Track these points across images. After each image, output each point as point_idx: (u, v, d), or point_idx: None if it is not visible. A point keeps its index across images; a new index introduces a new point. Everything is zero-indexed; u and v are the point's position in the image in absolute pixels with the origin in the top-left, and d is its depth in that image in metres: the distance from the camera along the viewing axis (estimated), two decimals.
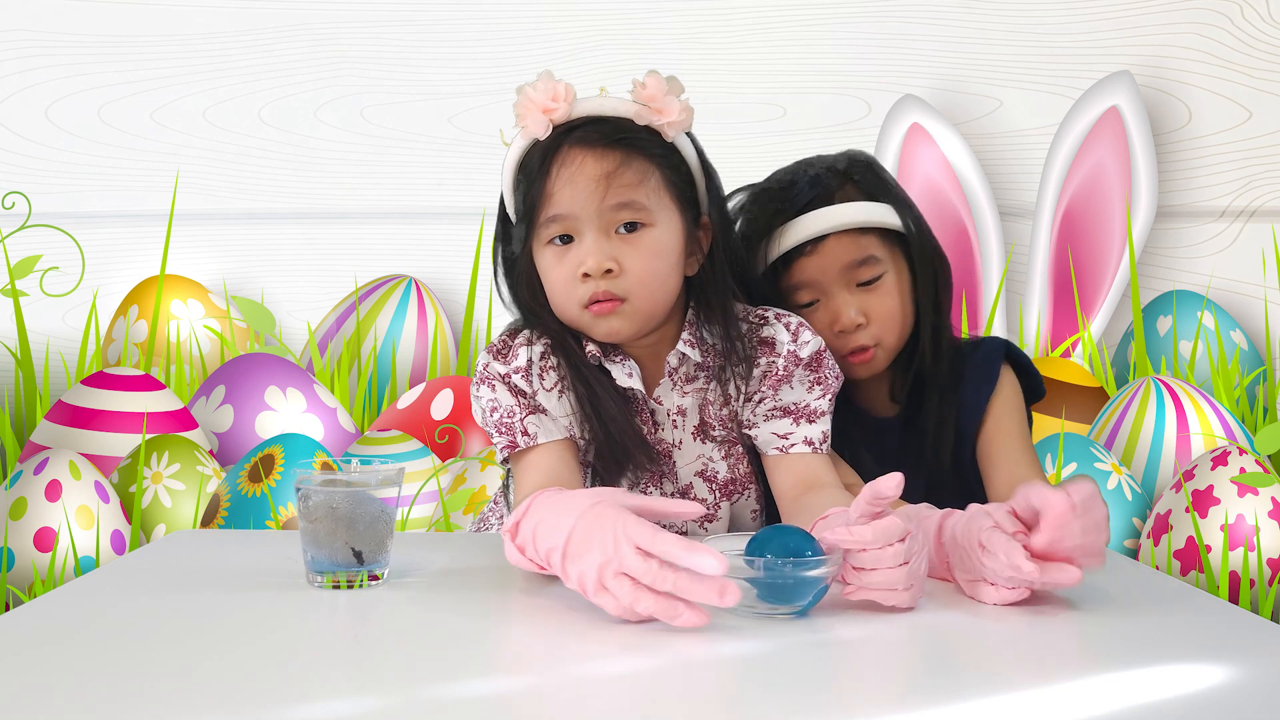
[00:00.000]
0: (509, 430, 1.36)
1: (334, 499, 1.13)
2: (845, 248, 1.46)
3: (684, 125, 1.37)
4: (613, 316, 1.34)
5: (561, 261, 1.34)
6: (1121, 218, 3.24)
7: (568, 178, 1.31)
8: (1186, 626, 1.08)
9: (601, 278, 1.31)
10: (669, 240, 1.35)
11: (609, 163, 1.32)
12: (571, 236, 1.33)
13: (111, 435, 2.64)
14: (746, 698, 0.88)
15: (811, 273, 1.47)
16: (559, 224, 1.33)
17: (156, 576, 1.21)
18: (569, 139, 1.33)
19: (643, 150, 1.34)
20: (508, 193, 1.41)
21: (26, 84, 3.45)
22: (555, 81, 1.34)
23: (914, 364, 1.50)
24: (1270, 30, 3.36)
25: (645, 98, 1.35)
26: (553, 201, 1.32)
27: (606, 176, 1.31)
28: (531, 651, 1.01)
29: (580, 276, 1.32)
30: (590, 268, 1.31)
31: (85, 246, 3.33)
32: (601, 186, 1.31)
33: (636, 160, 1.33)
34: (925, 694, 0.88)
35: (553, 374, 1.38)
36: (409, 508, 2.45)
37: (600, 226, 1.32)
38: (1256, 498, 2.37)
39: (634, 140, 1.34)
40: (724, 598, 0.99)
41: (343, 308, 3.24)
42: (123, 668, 0.91)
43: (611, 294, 1.32)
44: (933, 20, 3.39)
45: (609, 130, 1.33)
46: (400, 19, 3.44)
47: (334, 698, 0.86)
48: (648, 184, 1.33)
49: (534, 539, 1.13)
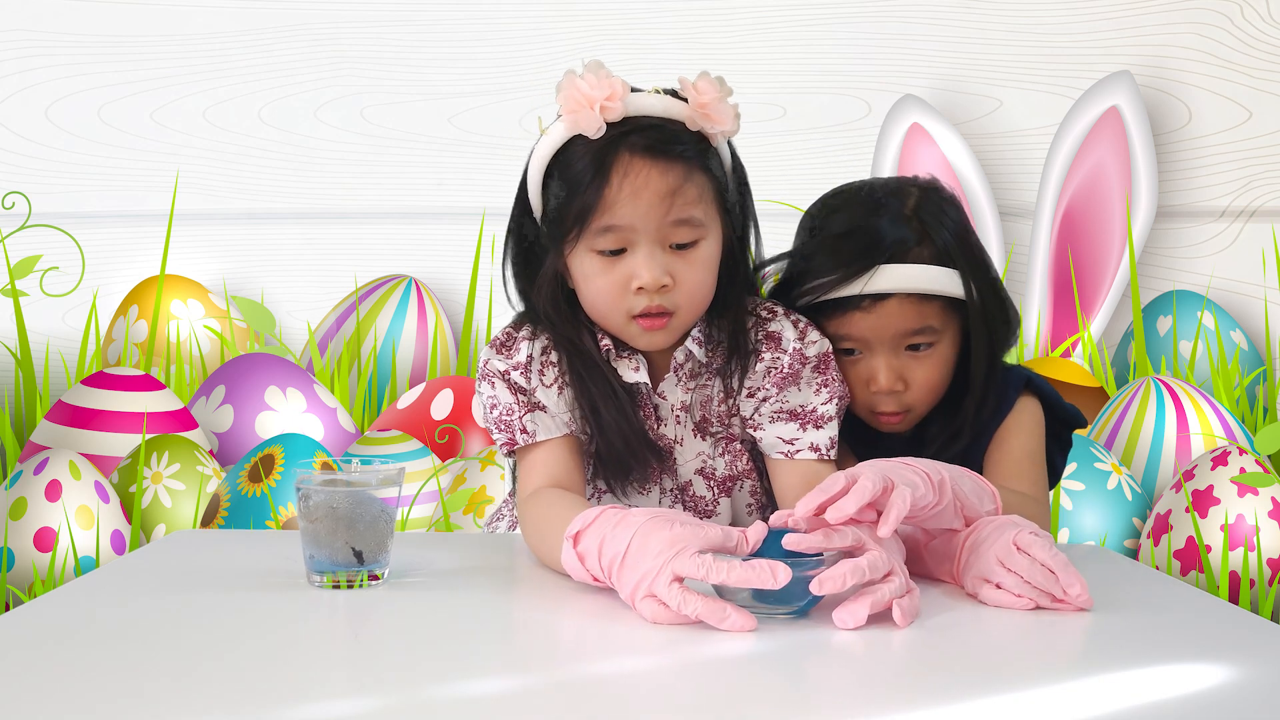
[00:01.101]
0: (508, 428, 1.36)
1: (334, 499, 1.13)
2: (905, 315, 1.38)
3: (735, 132, 1.35)
4: (660, 332, 1.33)
5: (610, 271, 1.31)
6: (1121, 218, 3.24)
7: (631, 190, 1.28)
8: (1186, 626, 1.08)
9: (656, 292, 1.30)
10: (716, 251, 1.35)
11: (673, 178, 1.29)
12: (624, 248, 1.30)
13: (111, 435, 2.64)
14: (748, 696, 0.88)
15: (863, 330, 1.39)
16: (614, 235, 1.30)
17: (156, 576, 1.21)
18: (627, 144, 1.28)
19: (700, 164, 1.31)
20: (537, 187, 1.36)
21: (26, 84, 3.45)
22: (610, 76, 1.29)
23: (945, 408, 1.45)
24: (1270, 30, 3.36)
25: (700, 104, 1.32)
26: (612, 212, 1.28)
27: (672, 194, 1.28)
28: (532, 652, 1.01)
29: (634, 290, 1.30)
30: (647, 282, 1.29)
31: (85, 246, 3.33)
32: (666, 203, 1.28)
33: (697, 175, 1.31)
34: (925, 693, 0.88)
35: (553, 370, 1.37)
36: (409, 508, 2.45)
37: (658, 240, 1.30)
38: (1256, 498, 2.37)
39: (692, 153, 1.31)
40: (777, 578, 1.01)
41: (343, 308, 3.24)
42: (122, 668, 0.91)
43: (664, 308, 1.31)
44: (933, 20, 3.39)
45: (668, 139, 1.30)
46: (400, 19, 3.44)
47: (334, 698, 0.86)
48: (705, 199, 1.32)
49: (599, 550, 1.11)
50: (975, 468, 1.40)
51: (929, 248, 1.40)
